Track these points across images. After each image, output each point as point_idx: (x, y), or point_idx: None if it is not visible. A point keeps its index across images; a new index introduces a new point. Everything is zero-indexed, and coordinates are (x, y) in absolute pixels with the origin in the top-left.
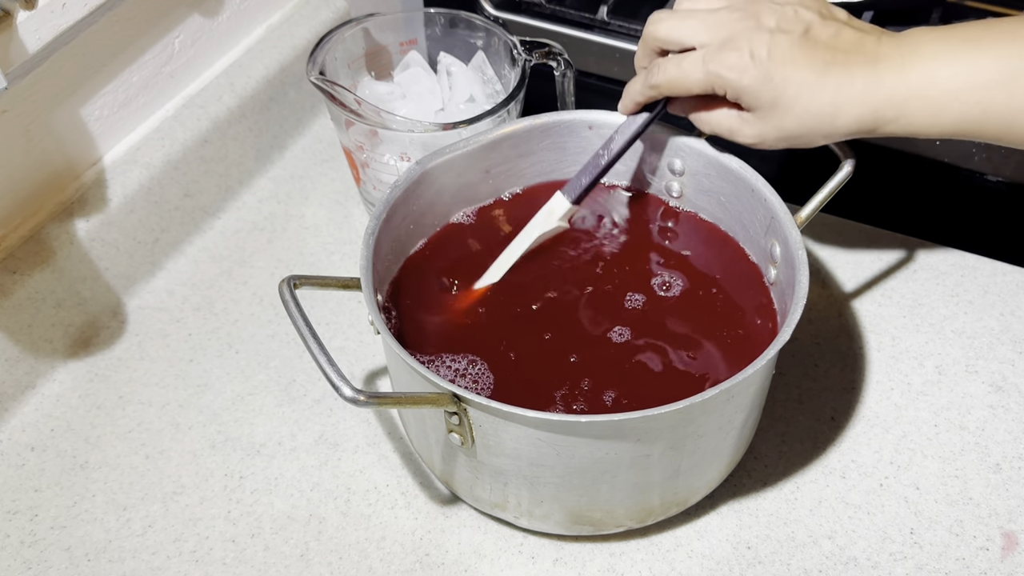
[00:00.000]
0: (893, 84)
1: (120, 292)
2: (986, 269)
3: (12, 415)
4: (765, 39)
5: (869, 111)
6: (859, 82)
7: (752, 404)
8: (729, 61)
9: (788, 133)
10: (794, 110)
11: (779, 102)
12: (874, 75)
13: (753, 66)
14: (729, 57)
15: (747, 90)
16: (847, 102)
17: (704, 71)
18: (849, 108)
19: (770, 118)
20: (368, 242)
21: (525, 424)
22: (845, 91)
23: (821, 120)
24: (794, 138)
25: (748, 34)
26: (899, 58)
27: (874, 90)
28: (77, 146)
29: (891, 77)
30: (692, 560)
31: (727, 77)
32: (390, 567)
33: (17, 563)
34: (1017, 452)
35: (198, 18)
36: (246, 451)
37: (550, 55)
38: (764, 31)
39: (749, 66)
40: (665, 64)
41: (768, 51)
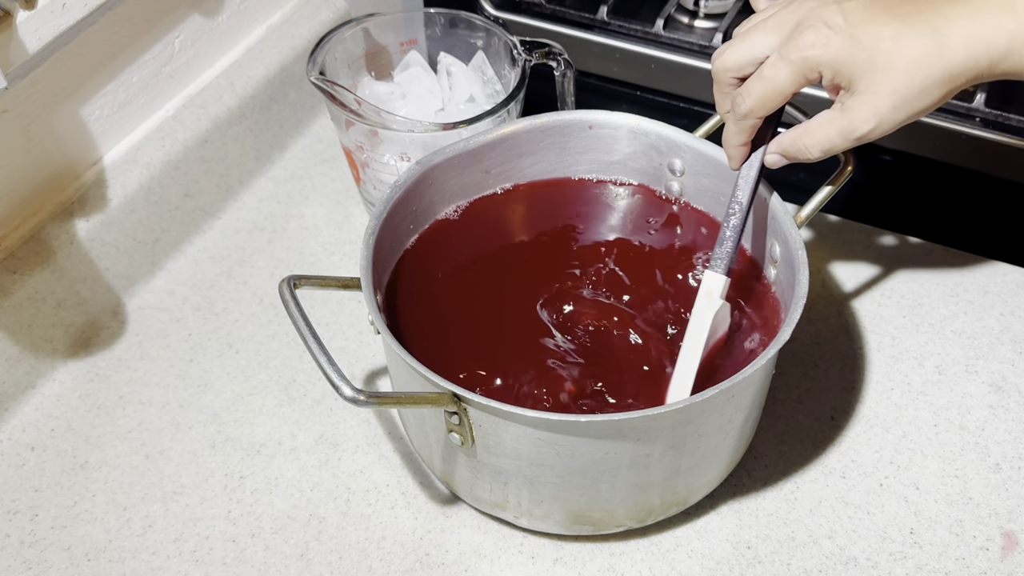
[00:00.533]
0: (998, 14)
1: (120, 292)
2: (986, 269)
3: (12, 415)
4: (834, 9)
5: (979, 43)
6: (956, 20)
7: (752, 404)
8: (808, 40)
9: (902, 93)
10: (898, 63)
11: (877, 60)
12: (970, 9)
13: (835, 34)
14: (806, 37)
15: (839, 59)
16: (950, 41)
17: (788, 64)
18: (955, 45)
19: (876, 85)
20: (368, 242)
21: (525, 424)
22: (943, 31)
23: (930, 67)
24: (909, 99)
25: (815, 12)
26: None
27: (977, 22)
28: (77, 146)
29: (992, 8)
30: (692, 560)
31: (814, 55)
32: (390, 567)
33: (17, 563)
34: (1017, 452)
35: (198, 18)
36: (246, 451)
37: (550, 55)
38: (830, 3)
39: (831, 36)
40: (746, 86)
41: (843, 17)
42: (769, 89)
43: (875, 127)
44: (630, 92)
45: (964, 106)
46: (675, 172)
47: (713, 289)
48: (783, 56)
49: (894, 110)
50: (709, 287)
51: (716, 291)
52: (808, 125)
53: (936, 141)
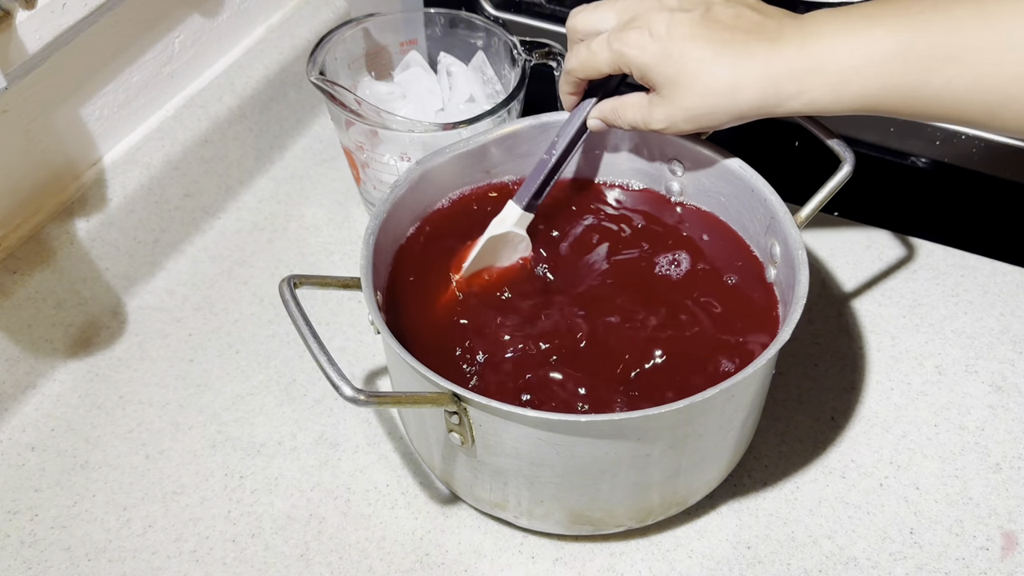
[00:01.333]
0: (793, 60)
1: (120, 292)
2: (986, 269)
3: (12, 415)
4: (665, 17)
5: (771, 85)
6: (759, 59)
7: (752, 404)
8: (631, 39)
9: (693, 112)
10: (694, 87)
11: (679, 79)
12: (774, 51)
13: (652, 43)
14: (631, 35)
15: (648, 66)
16: (747, 77)
17: (609, 50)
18: (748, 83)
19: (673, 97)
20: (368, 242)
21: (525, 424)
22: (744, 67)
23: (722, 96)
24: (700, 117)
25: (650, 14)
26: (800, 36)
27: (774, 65)
28: (77, 146)
29: (791, 53)
30: (692, 560)
31: (629, 54)
32: (390, 567)
33: (17, 563)
34: (1017, 452)
35: (198, 18)
36: (246, 451)
37: (550, 55)
38: (665, 10)
39: (649, 43)
40: (576, 48)
41: (667, 28)
42: (589, 60)
43: (666, 128)
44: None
45: None
46: (675, 172)
47: (506, 218)
48: (609, 41)
49: (684, 121)
50: (504, 215)
51: (509, 220)
52: (624, 100)
53: (936, 141)
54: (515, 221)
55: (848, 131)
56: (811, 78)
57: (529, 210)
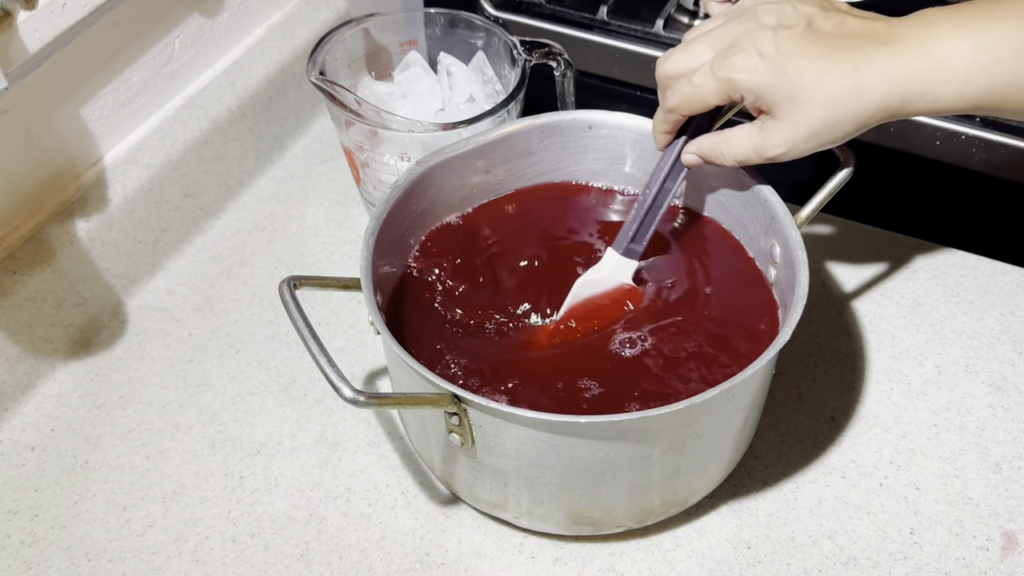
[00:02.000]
0: (914, 59)
1: (120, 292)
2: (986, 269)
3: (12, 415)
4: (769, 36)
5: (895, 87)
6: (877, 61)
7: (752, 404)
8: (738, 63)
9: (817, 127)
10: (816, 99)
11: (798, 94)
12: (891, 53)
13: (763, 63)
14: (737, 60)
15: (763, 87)
16: (868, 81)
17: (715, 80)
18: (872, 87)
19: (794, 115)
20: (368, 242)
21: (525, 424)
22: (864, 71)
23: (846, 105)
24: (823, 131)
25: (751, 35)
26: (916, 35)
27: (895, 66)
28: (77, 146)
29: (911, 53)
30: (692, 560)
31: (739, 79)
32: (390, 567)
33: (17, 563)
34: (1017, 452)
35: (198, 18)
36: (246, 451)
37: (550, 55)
38: (766, 29)
39: (759, 64)
40: (677, 84)
41: (775, 46)
42: (694, 95)
43: (786, 152)
44: (630, 92)
45: None
46: None
47: (603, 264)
48: (713, 71)
49: (806, 140)
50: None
51: (605, 266)
52: (728, 135)
53: (936, 141)
54: (612, 267)
55: None
56: (936, 77)
57: (629, 255)
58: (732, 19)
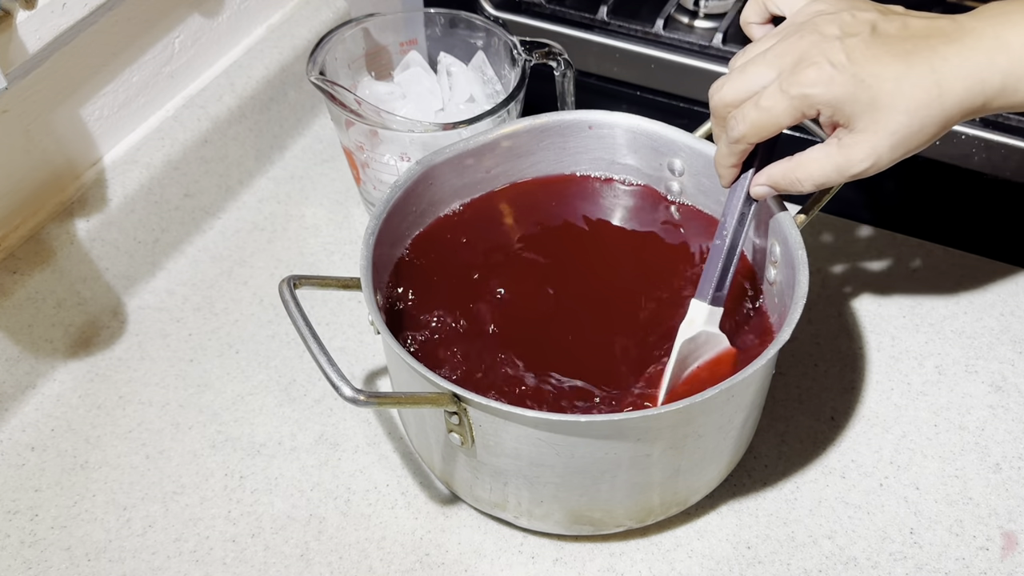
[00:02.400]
0: (992, 53)
1: (120, 292)
2: (986, 269)
3: (12, 415)
4: (837, 46)
5: (975, 83)
6: (952, 59)
7: (752, 404)
8: (811, 77)
9: (902, 134)
10: (899, 105)
11: (879, 101)
12: (965, 49)
13: (838, 73)
14: (809, 74)
15: (842, 99)
16: (948, 79)
17: (787, 98)
18: (953, 86)
19: (875, 125)
20: (368, 242)
21: (525, 424)
22: (942, 70)
23: (931, 107)
24: (909, 138)
25: (817, 47)
26: (990, 28)
27: (973, 62)
28: (77, 146)
29: (986, 47)
30: (692, 560)
31: (814, 94)
32: (390, 567)
33: (17, 563)
34: (1017, 452)
35: (198, 18)
36: (246, 451)
37: (550, 55)
38: (832, 39)
39: (834, 75)
40: (742, 111)
41: (847, 55)
42: (764, 119)
43: (872, 165)
44: (630, 92)
45: None
46: (675, 172)
47: (695, 318)
48: (783, 89)
49: (891, 149)
50: (692, 317)
51: (697, 321)
52: (801, 158)
53: (936, 141)
54: (704, 320)
55: None
56: (1016, 70)
57: (716, 304)
58: (790, 35)
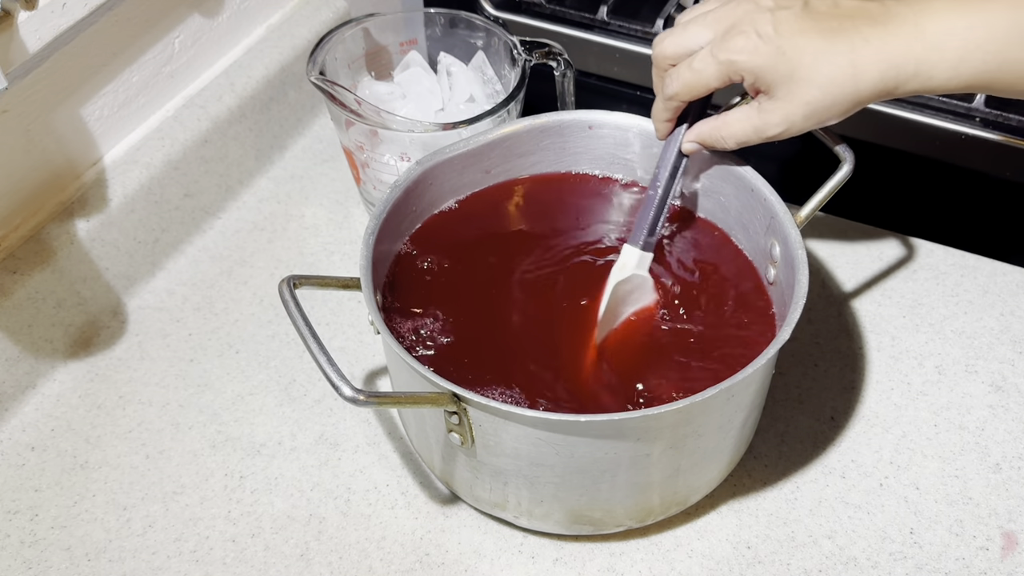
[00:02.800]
0: (909, 40)
1: (120, 292)
2: (986, 269)
3: (12, 415)
4: (768, 17)
5: (889, 67)
6: (874, 41)
7: (752, 404)
8: (738, 45)
9: (814, 106)
10: (815, 79)
11: (797, 74)
12: (887, 33)
13: (763, 44)
14: (737, 41)
15: (763, 68)
16: (865, 61)
17: (716, 62)
18: (868, 67)
19: (792, 95)
20: (368, 242)
21: (525, 424)
22: (861, 51)
23: (844, 85)
24: (820, 110)
25: (749, 16)
26: (912, 15)
27: (891, 46)
28: (77, 146)
29: (906, 33)
30: (692, 560)
31: (740, 60)
32: (390, 567)
33: (17, 563)
34: (1017, 452)
35: (198, 18)
36: (246, 451)
37: (550, 55)
38: (764, 11)
39: (759, 45)
40: (677, 71)
41: (774, 27)
42: (695, 80)
43: (785, 130)
44: (630, 92)
45: (964, 106)
46: None
47: (627, 263)
48: (713, 54)
49: (804, 119)
50: (623, 261)
51: (629, 265)
52: (726, 118)
53: (936, 141)
54: (635, 264)
55: (847, 131)
56: (930, 57)
57: (647, 249)
58: (730, 1)
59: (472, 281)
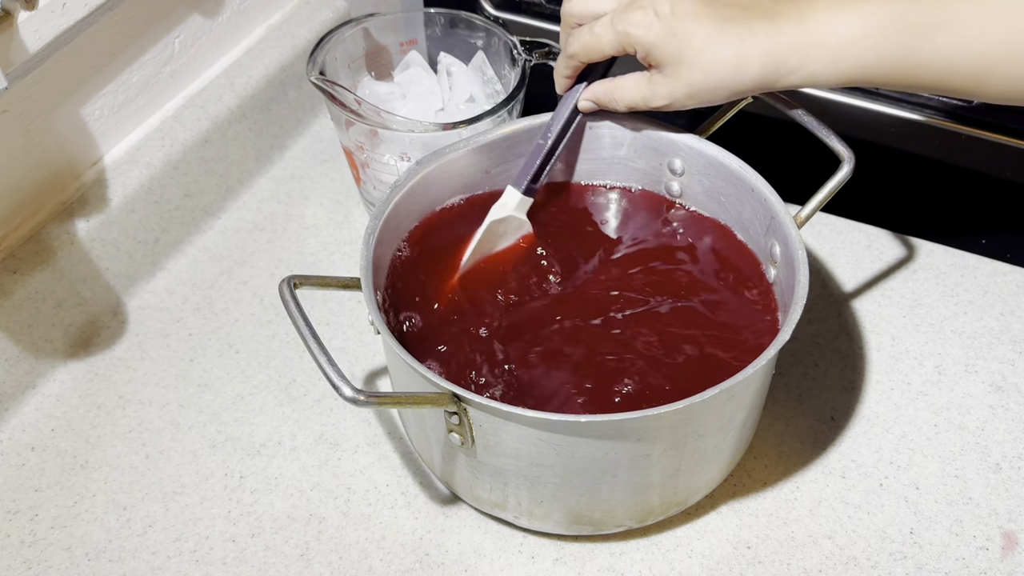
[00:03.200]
0: (793, 35)
1: (120, 292)
2: (986, 269)
3: (12, 415)
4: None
5: (772, 61)
6: (760, 34)
7: (752, 404)
8: (635, 19)
9: (697, 88)
10: (699, 63)
11: (684, 56)
12: (773, 28)
13: (658, 22)
14: (635, 16)
15: (654, 45)
16: (749, 53)
17: (613, 31)
18: (752, 59)
19: (678, 74)
20: (368, 242)
21: (525, 424)
22: (747, 42)
23: (726, 72)
24: (703, 93)
25: None
26: (797, 12)
27: (775, 41)
28: (77, 146)
29: (790, 29)
30: (692, 560)
31: (634, 34)
32: (390, 567)
33: (17, 563)
34: (1017, 452)
35: (198, 18)
36: (246, 451)
37: (550, 55)
38: None
39: (654, 22)
40: (579, 32)
41: (671, 8)
42: (593, 44)
43: (668, 104)
44: None
45: (964, 106)
46: (675, 172)
47: (507, 202)
48: (612, 22)
49: (687, 97)
50: (504, 200)
51: (509, 205)
52: (619, 82)
53: (936, 141)
54: (515, 205)
55: (848, 131)
56: (810, 52)
57: (528, 194)
58: None
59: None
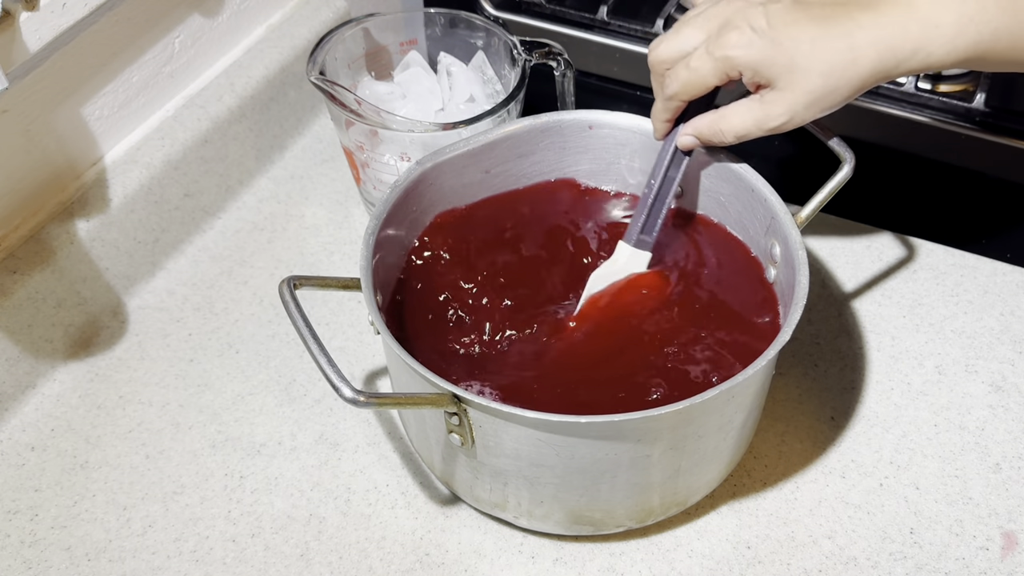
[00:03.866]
0: (903, 19)
1: (120, 292)
2: (986, 269)
3: (12, 415)
4: (759, 11)
5: (885, 49)
6: (867, 26)
7: (752, 404)
8: (732, 40)
9: (816, 94)
10: (815, 67)
11: (796, 63)
12: (880, 16)
13: (758, 38)
14: (731, 37)
15: (761, 62)
16: (861, 46)
17: (712, 60)
18: (865, 52)
19: (793, 84)
20: (368, 242)
21: (525, 424)
22: (856, 36)
23: (844, 70)
24: (823, 99)
25: (741, 13)
26: None
27: (885, 30)
28: (77, 146)
29: (899, 13)
30: (692, 560)
31: (736, 56)
32: (390, 567)
33: (17, 563)
34: (1017, 452)
35: (198, 18)
36: (246, 451)
37: (550, 55)
38: (756, 5)
39: (754, 39)
40: (674, 71)
41: (767, 20)
42: (694, 79)
43: (788, 121)
44: (630, 92)
45: (964, 106)
46: None
47: (617, 258)
48: (709, 51)
49: (807, 108)
50: (615, 256)
51: (619, 260)
52: (725, 111)
53: (936, 141)
54: (626, 261)
55: (848, 131)
56: (927, 34)
57: (641, 247)
58: (717, 2)
59: (474, 283)
